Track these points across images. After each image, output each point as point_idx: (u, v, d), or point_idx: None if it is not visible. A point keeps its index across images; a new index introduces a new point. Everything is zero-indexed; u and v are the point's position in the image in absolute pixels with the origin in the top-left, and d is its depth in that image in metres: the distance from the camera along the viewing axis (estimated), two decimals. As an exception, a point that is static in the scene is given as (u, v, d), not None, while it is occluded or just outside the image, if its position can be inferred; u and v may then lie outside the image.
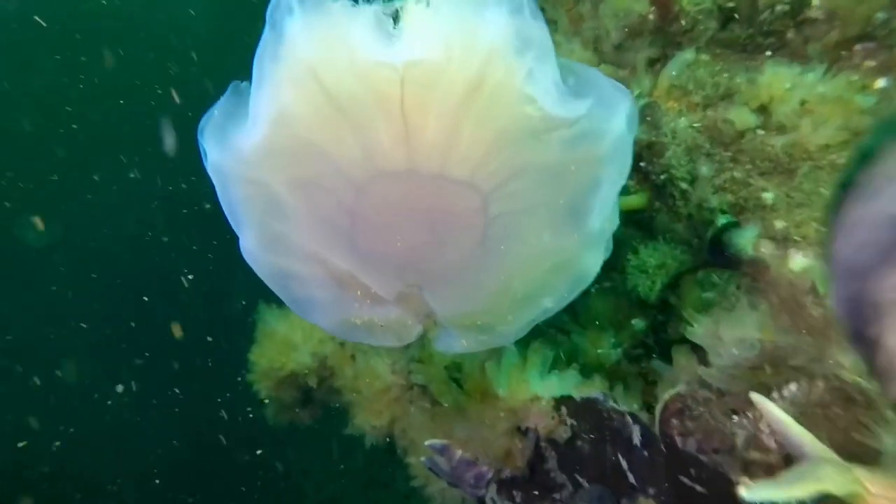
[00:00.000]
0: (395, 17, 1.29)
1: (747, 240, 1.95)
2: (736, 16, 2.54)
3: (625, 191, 2.48)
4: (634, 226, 2.44)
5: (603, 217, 1.47)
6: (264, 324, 3.72)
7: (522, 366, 2.15)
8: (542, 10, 3.10)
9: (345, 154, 1.36)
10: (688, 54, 2.53)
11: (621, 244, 2.52)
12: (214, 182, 1.53)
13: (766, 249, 1.85)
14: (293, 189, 1.44)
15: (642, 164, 2.38)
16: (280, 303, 3.78)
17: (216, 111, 1.47)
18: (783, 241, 1.83)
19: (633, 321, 2.38)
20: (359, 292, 1.59)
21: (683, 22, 2.54)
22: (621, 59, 2.72)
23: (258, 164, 1.41)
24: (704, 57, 2.55)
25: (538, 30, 1.30)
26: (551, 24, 3.03)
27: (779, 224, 1.91)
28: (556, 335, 2.61)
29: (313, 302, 1.63)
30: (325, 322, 1.69)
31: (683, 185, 2.23)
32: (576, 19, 2.89)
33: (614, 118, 1.38)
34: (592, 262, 1.54)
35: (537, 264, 1.51)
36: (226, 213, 1.55)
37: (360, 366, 3.19)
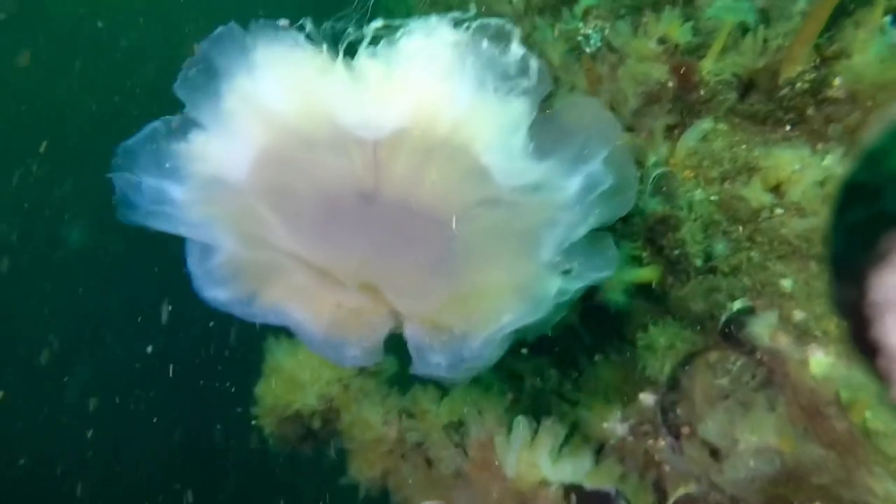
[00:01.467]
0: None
1: (764, 328, 1.77)
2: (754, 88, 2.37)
3: (637, 262, 2.30)
4: (645, 298, 2.26)
5: (558, 250, 1.55)
6: (272, 358, 3.56)
7: (532, 444, 1.96)
8: (557, 77, 2.96)
9: (323, 174, 1.51)
10: (706, 124, 2.36)
11: (630, 316, 2.33)
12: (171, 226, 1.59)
13: (784, 341, 1.66)
14: (273, 204, 1.57)
15: (655, 236, 2.20)
16: (289, 336, 3.67)
17: (155, 147, 1.54)
18: (802, 335, 1.64)
19: (642, 396, 2.19)
20: (327, 291, 1.69)
21: (703, 91, 2.38)
22: (639, 123, 2.56)
23: (239, 188, 1.52)
24: (722, 126, 2.39)
25: (501, 104, 1.39)
26: (569, 86, 2.88)
27: (798, 315, 1.72)
28: (560, 404, 2.42)
29: (283, 309, 1.73)
30: (300, 328, 1.74)
31: (698, 263, 2.05)
32: (594, 81, 2.73)
33: (573, 177, 1.47)
34: (548, 288, 1.58)
35: (493, 282, 1.59)
36: (183, 234, 1.62)
37: (355, 413, 3.04)
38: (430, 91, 1.37)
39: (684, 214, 2.17)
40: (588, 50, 3.06)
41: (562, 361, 3.31)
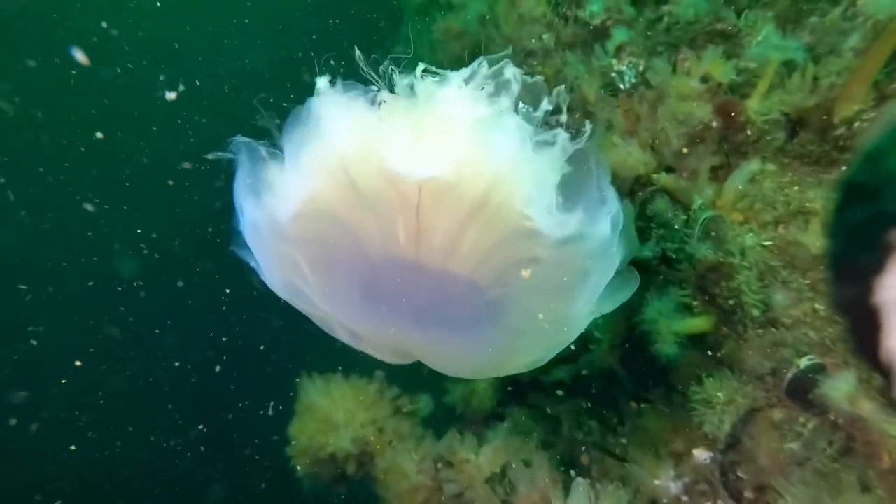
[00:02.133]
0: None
1: (842, 392, 1.59)
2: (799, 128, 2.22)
3: (688, 311, 2.14)
4: (697, 349, 2.09)
5: (590, 302, 1.57)
6: (305, 396, 3.44)
7: None
8: (592, 112, 2.83)
9: (365, 236, 1.48)
10: (754, 164, 2.22)
11: (679, 366, 2.17)
12: (245, 232, 1.65)
13: (867, 407, 1.49)
14: (314, 259, 1.57)
15: (707, 284, 2.04)
16: (321, 373, 3.55)
17: (251, 168, 1.58)
18: (889, 403, 1.47)
19: (696, 452, 2.02)
20: (362, 341, 1.75)
21: (749, 131, 2.23)
22: (681, 164, 2.42)
23: (286, 232, 1.53)
24: (771, 167, 2.24)
25: (539, 160, 1.41)
26: (605, 124, 2.75)
27: (879, 378, 1.55)
28: (605, 459, 2.25)
29: (329, 328, 1.79)
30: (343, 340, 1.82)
31: (755, 313, 1.90)
32: (632, 120, 2.60)
33: (600, 223, 1.48)
34: (577, 333, 1.65)
35: (527, 341, 1.62)
36: (254, 256, 1.69)
37: (390, 459, 2.90)
38: (473, 142, 1.38)
39: (737, 261, 2.02)
40: (622, 87, 2.95)
41: (599, 404, 3.14)
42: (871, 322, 0.77)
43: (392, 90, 1.44)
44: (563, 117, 1.51)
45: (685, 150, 2.40)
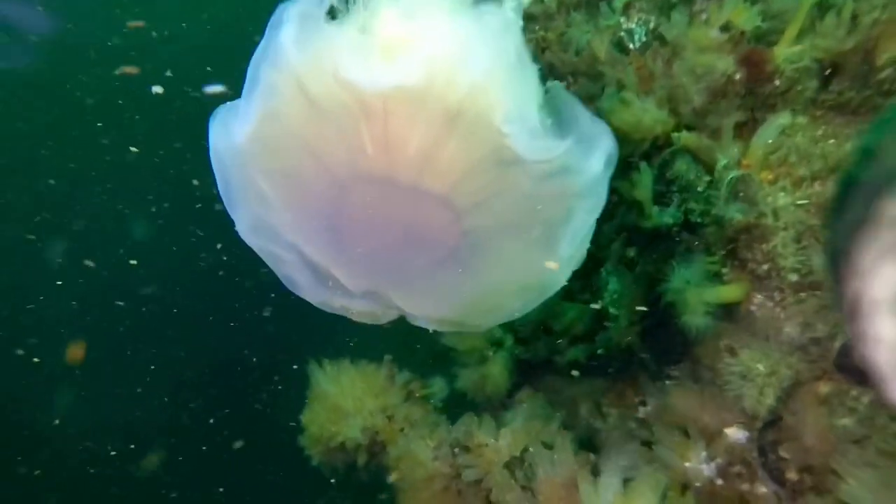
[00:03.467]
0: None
1: (900, 361, 1.36)
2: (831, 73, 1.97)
3: (717, 279, 1.92)
4: (728, 319, 1.87)
5: (573, 245, 1.44)
6: (315, 383, 3.27)
7: (629, 495, 1.59)
8: (602, 73, 2.59)
9: (329, 152, 1.34)
10: (783, 118, 1.98)
11: (709, 339, 1.95)
12: (214, 167, 1.52)
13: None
14: (276, 180, 1.42)
15: (737, 249, 1.81)
16: (331, 358, 3.38)
17: (225, 106, 1.47)
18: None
19: (729, 431, 1.81)
20: (330, 283, 1.56)
21: (778, 82, 1.98)
22: (701, 122, 2.18)
23: (247, 154, 1.41)
24: (802, 120, 2.00)
25: (521, 72, 1.26)
26: (616, 83, 2.51)
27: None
28: (629, 440, 2.04)
29: (296, 283, 1.63)
30: (310, 299, 1.66)
31: (793, 278, 1.67)
32: (646, 78, 2.36)
33: (592, 158, 1.35)
34: (560, 279, 1.52)
35: (506, 279, 1.48)
36: (221, 195, 1.55)
37: (403, 447, 2.72)
38: (446, 47, 1.20)
39: (771, 222, 1.79)
40: (632, 46, 2.70)
41: (619, 383, 2.94)
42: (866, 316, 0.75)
43: None
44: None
45: (706, 107, 2.16)
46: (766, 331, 1.78)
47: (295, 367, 3.51)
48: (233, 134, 1.41)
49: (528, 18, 2.96)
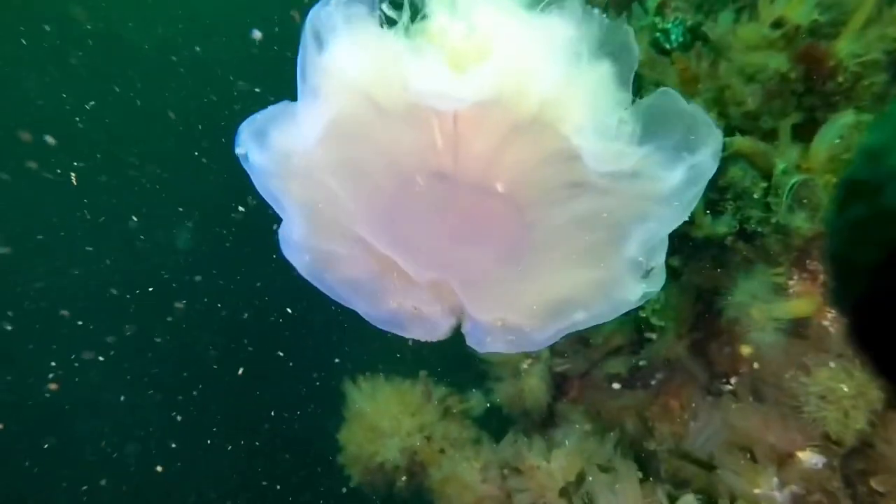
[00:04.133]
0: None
1: None
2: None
3: (783, 293, 1.77)
4: (797, 336, 1.72)
5: (645, 248, 1.36)
6: (352, 402, 3.19)
7: None
8: (641, 75, 2.44)
9: (398, 149, 1.33)
10: (847, 118, 1.82)
11: (774, 355, 1.80)
12: (256, 180, 1.48)
13: None
14: (345, 177, 1.41)
15: (806, 260, 1.66)
16: (367, 376, 3.28)
17: (258, 118, 1.45)
18: None
19: (803, 455, 1.65)
20: (395, 275, 1.52)
21: (841, 79, 1.83)
22: (755, 125, 2.03)
23: (315, 158, 1.39)
24: (868, 118, 1.83)
25: (592, 80, 1.22)
26: (655, 86, 2.37)
27: None
28: (684, 465, 1.90)
29: (355, 284, 1.58)
30: (364, 307, 1.60)
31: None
32: (688, 80, 2.21)
33: (674, 169, 1.28)
34: (631, 289, 1.40)
35: (571, 276, 1.42)
36: (272, 205, 1.52)
37: (447, 469, 2.60)
38: (517, 61, 1.18)
39: (843, 231, 1.63)
40: (669, 47, 2.56)
41: (662, 396, 2.78)
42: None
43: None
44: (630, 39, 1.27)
45: (759, 108, 2.01)
46: (842, 348, 1.62)
47: (332, 382, 3.42)
48: (283, 145, 1.39)
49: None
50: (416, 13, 1.25)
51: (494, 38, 1.18)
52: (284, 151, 1.43)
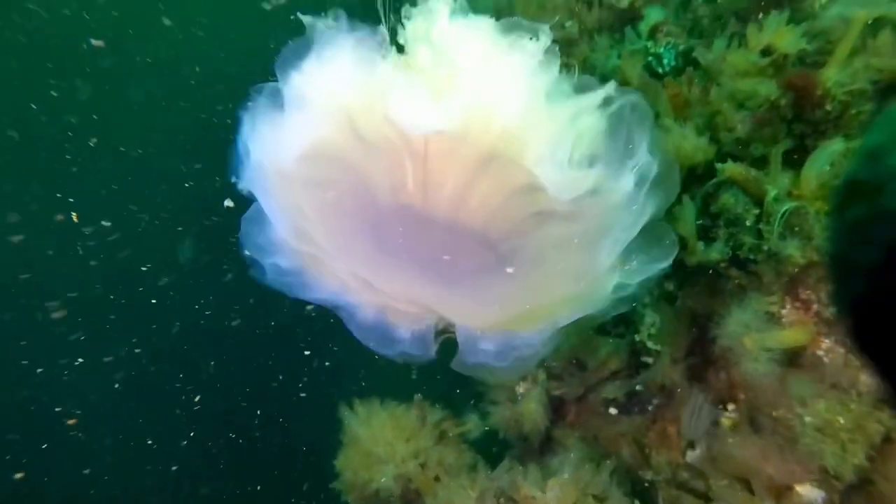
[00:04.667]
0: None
1: None
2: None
3: (774, 322, 1.74)
4: (792, 365, 1.68)
5: (615, 254, 1.44)
6: (347, 427, 3.14)
7: None
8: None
9: (373, 181, 1.38)
10: (837, 145, 1.81)
11: (769, 385, 1.76)
12: (251, 178, 1.51)
13: None
14: (322, 203, 1.45)
15: (797, 289, 1.64)
16: (361, 398, 3.23)
17: (256, 112, 1.47)
18: None
19: (802, 488, 1.61)
20: (371, 293, 1.56)
21: (829, 107, 1.82)
22: (745, 152, 2.02)
23: (292, 175, 1.42)
24: (857, 146, 1.81)
25: (551, 114, 1.32)
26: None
27: None
28: (682, 497, 1.86)
29: (333, 301, 1.62)
30: (347, 321, 1.64)
31: (869, 322, 1.47)
32: (680, 105, 2.21)
33: (622, 178, 1.37)
34: (605, 288, 1.48)
35: (548, 292, 1.48)
36: (263, 208, 1.55)
37: (443, 497, 2.55)
38: (483, 92, 1.27)
39: (836, 260, 1.60)
40: (661, 71, 2.56)
41: (659, 421, 2.73)
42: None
43: (402, 33, 1.34)
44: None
45: (750, 134, 2.00)
46: (838, 379, 1.58)
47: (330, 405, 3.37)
48: (274, 149, 1.43)
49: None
50: (399, 46, 1.31)
51: (464, 72, 1.25)
52: (268, 153, 1.47)
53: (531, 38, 1.34)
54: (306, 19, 1.36)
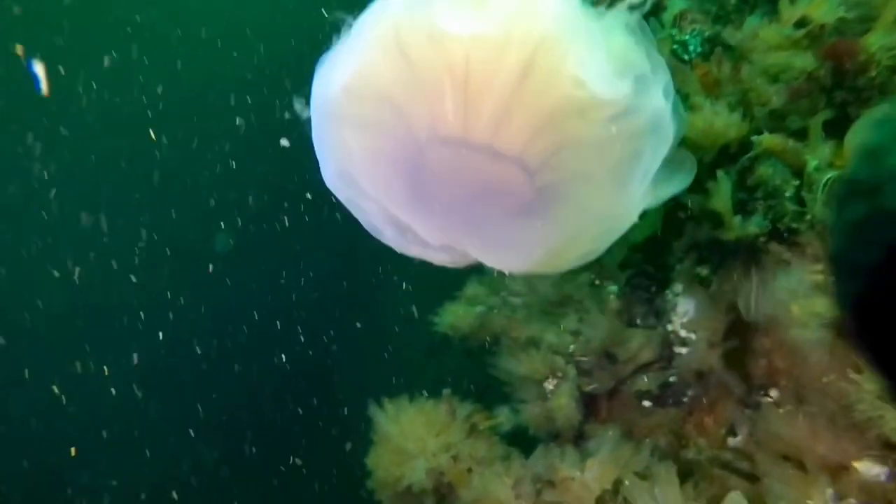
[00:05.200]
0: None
1: None
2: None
3: (822, 292, 1.68)
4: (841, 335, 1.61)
5: (644, 183, 1.46)
6: (377, 425, 3.11)
7: None
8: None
9: (413, 112, 1.38)
10: (882, 110, 1.73)
11: (817, 358, 1.69)
12: (311, 113, 1.56)
13: None
14: (361, 133, 1.47)
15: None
16: (391, 398, 3.20)
17: (332, 54, 1.51)
18: None
19: (860, 465, 1.53)
20: (409, 234, 1.59)
21: (874, 73, 1.77)
22: (781, 125, 1.97)
23: (338, 105, 1.45)
24: (901, 113, 1.76)
25: (587, 19, 1.33)
26: (681, 95, 2.34)
27: None
28: (728, 476, 1.78)
29: (379, 231, 1.66)
30: (393, 245, 1.68)
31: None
32: (711, 84, 2.17)
33: (651, 94, 1.38)
34: (633, 216, 1.52)
35: (581, 228, 1.51)
36: (313, 141, 1.59)
37: (478, 487, 2.49)
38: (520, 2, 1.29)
39: (886, 223, 1.55)
40: (687, 58, 2.53)
41: (696, 413, 2.65)
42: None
43: None
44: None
45: (786, 108, 1.96)
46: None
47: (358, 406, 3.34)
48: (330, 83, 1.45)
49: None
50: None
51: None
52: (319, 84, 1.52)
53: None
54: None
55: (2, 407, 6.12)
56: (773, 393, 2.12)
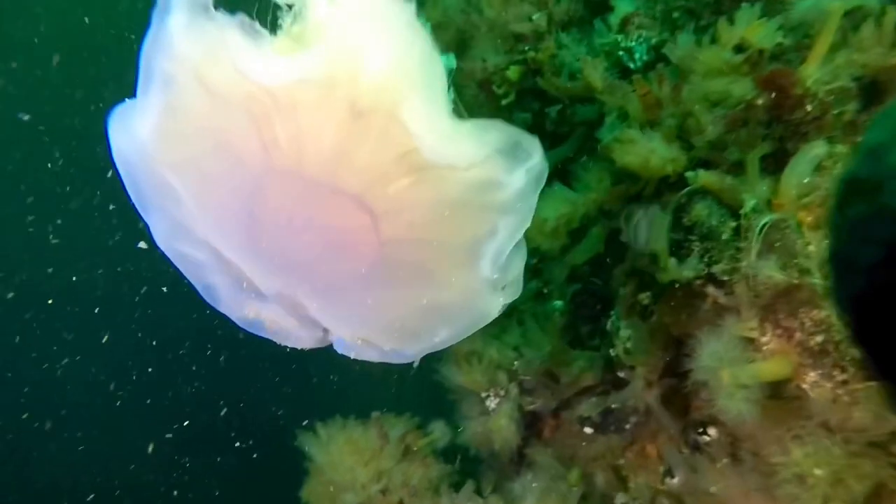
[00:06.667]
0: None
1: None
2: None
3: (756, 349, 1.56)
4: (776, 397, 1.51)
5: (497, 265, 1.35)
6: (309, 454, 2.98)
7: None
8: (600, 101, 2.25)
9: (241, 144, 1.25)
10: (819, 149, 1.64)
11: (754, 420, 1.59)
12: (119, 168, 1.43)
13: None
14: (185, 173, 1.34)
15: (778, 314, 1.46)
16: (322, 420, 3.06)
17: (122, 106, 1.38)
18: None
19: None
20: (245, 284, 1.48)
21: (809, 107, 1.65)
22: (720, 157, 1.84)
23: (151, 150, 1.33)
24: (841, 149, 1.65)
25: (426, 68, 1.18)
26: (617, 112, 2.19)
27: None
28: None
29: (215, 289, 1.55)
30: (229, 313, 1.58)
31: (859, 353, 1.30)
32: (651, 106, 2.03)
33: (516, 171, 1.26)
34: (490, 305, 1.41)
35: (427, 295, 1.39)
36: (132, 199, 1.48)
37: (418, 526, 2.39)
38: (347, 37, 1.14)
39: (820, 282, 1.43)
40: (633, 66, 2.38)
41: (637, 441, 2.58)
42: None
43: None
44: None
45: (724, 138, 1.82)
46: (827, 416, 1.41)
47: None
48: (134, 130, 1.32)
49: (517, 39, 2.67)
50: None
51: (323, 18, 1.13)
52: (138, 139, 1.35)
53: None
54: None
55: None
56: (712, 431, 2.04)
